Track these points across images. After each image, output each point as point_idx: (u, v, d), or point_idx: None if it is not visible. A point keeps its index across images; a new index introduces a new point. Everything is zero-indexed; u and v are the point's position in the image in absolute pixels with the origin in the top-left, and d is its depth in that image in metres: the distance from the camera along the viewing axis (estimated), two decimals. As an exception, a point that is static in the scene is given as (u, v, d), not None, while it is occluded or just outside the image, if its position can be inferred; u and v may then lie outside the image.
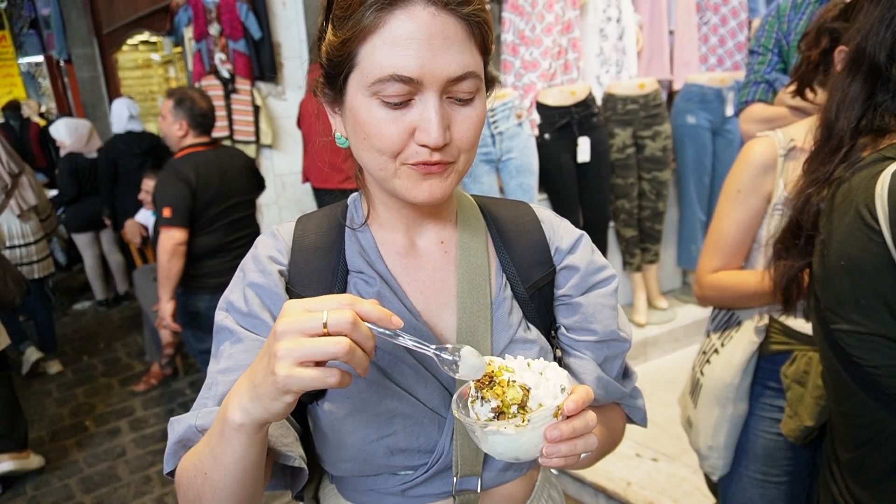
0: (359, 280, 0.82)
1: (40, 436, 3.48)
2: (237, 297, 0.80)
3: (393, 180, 0.73)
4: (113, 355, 4.55)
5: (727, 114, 3.60)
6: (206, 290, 2.89)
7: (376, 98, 0.69)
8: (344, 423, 0.77)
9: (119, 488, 2.96)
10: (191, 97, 2.79)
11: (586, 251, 0.89)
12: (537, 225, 0.90)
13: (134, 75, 6.79)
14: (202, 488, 0.68)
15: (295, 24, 3.79)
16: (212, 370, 0.78)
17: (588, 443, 0.66)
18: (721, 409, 1.51)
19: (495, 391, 0.66)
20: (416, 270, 0.84)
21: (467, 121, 0.72)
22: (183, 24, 4.24)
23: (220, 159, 2.85)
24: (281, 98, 4.03)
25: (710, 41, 3.83)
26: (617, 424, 0.96)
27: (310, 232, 0.85)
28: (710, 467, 1.58)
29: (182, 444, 0.74)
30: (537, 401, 0.65)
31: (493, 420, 0.65)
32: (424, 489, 0.81)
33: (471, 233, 0.86)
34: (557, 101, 3.27)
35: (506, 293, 0.85)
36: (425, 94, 0.68)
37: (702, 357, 1.60)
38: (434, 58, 0.67)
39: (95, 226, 5.15)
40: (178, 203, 2.66)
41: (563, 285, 0.88)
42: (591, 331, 0.86)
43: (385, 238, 0.84)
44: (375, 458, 0.77)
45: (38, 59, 9.23)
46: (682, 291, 4.06)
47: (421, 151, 0.70)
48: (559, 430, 0.64)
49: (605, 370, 0.88)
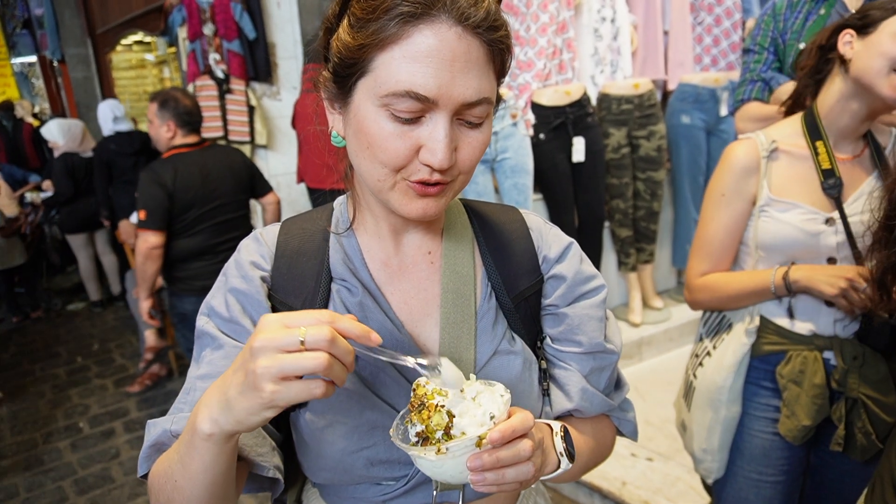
0: (342, 288, 0.81)
1: (34, 437, 3.46)
2: (219, 302, 0.79)
3: (389, 193, 0.72)
4: (107, 356, 4.53)
5: (721, 114, 3.61)
6: (192, 292, 2.85)
7: (386, 110, 0.67)
8: (324, 433, 0.77)
9: (113, 490, 2.94)
10: (174, 97, 2.75)
11: (574, 261, 0.87)
12: (526, 233, 0.88)
13: (128, 75, 6.76)
14: (171, 495, 0.68)
15: (290, 24, 3.78)
16: (191, 375, 0.77)
17: (521, 471, 0.64)
18: (714, 411, 1.51)
19: (422, 416, 0.65)
20: (401, 280, 0.83)
21: (473, 143, 0.71)
22: (177, 24, 4.22)
23: (205, 160, 2.78)
24: (275, 98, 4.02)
25: (704, 41, 3.84)
26: (605, 437, 0.94)
27: (294, 237, 0.83)
28: (704, 470, 1.58)
29: (156, 448, 0.74)
30: (461, 428, 0.64)
31: (416, 444, 0.65)
32: (405, 500, 0.80)
33: (456, 240, 0.85)
34: (552, 101, 3.27)
35: (490, 303, 0.83)
36: (437, 114, 0.67)
37: (694, 360, 1.60)
38: (453, 80, 0.65)
39: (90, 226, 5.13)
40: (153, 206, 2.63)
41: (549, 295, 0.86)
42: (576, 342, 0.85)
43: (370, 245, 0.83)
44: (355, 468, 0.77)
45: (31, 60, 9.16)
46: (678, 291, 4.07)
47: (423, 170, 0.69)
48: (480, 461, 0.62)
49: (592, 382, 0.87)
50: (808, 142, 1.38)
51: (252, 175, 3.00)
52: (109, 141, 4.56)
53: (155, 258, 2.69)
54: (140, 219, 2.65)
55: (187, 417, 0.71)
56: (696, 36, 3.83)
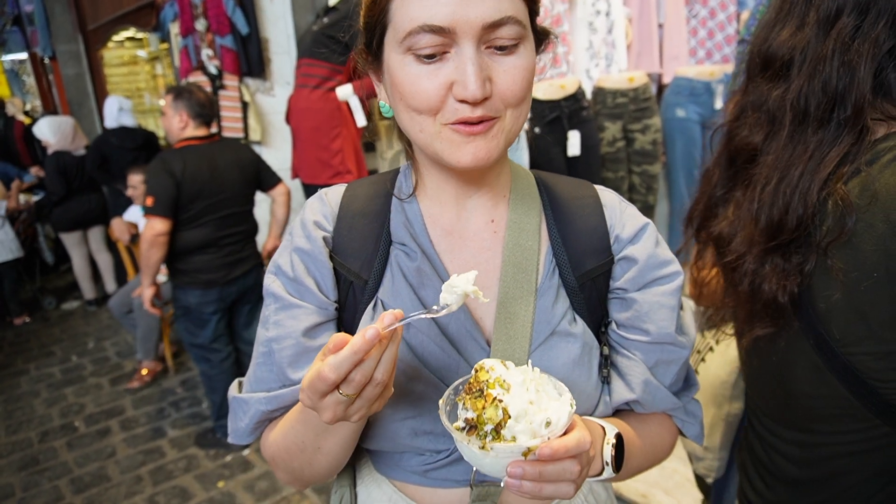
0: (401, 252, 0.80)
1: (29, 437, 3.45)
2: (285, 261, 0.80)
3: (434, 143, 0.70)
4: (102, 355, 4.51)
5: (716, 107, 3.61)
6: (196, 285, 2.90)
7: (410, 53, 0.66)
8: None
9: (109, 489, 2.94)
10: (188, 90, 2.86)
11: (649, 243, 0.82)
12: (599, 209, 0.83)
13: (120, 72, 6.71)
14: (313, 458, 0.75)
15: (282, 19, 3.75)
16: (262, 337, 0.80)
17: (560, 490, 0.61)
18: (717, 407, 1.50)
19: (476, 403, 0.62)
20: (462, 249, 0.81)
21: (512, 71, 0.67)
22: (169, 19, 4.20)
23: (214, 153, 2.86)
24: (269, 94, 4.00)
25: (699, 34, 3.83)
26: (663, 440, 0.87)
27: (357, 198, 0.83)
28: (705, 469, 1.56)
29: (260, 424, 0.81)
30: (513, 432, 0.60)
31: (462, 429, 0.63)
32: (446, 473, 0.80)
33: (524, 211, 0.81)
34: (547, 95, 3.26)
35: (553, 280, 0.80)
36: (460, 44, 0.65)
37: (696, 356, 1.59)
38: (466, 4, 0.63)
39: (83, 225, 5.10)
40: (160, 193, 2.70)
41: (619, 277, 0.81)
42: (643, 330, 0.80)
43: (432, 211, 0.81)
44: (400, 437, 0.77)
45: (21, 57, 9.10)
46: (673, 284, 4.08)
47: (461, 108, 0.66)
48: (521, 470, 0.59)
49: (657, 375, 0.81)
50: None
51: (259, 170, 3.05)
52: (111, 134, 4.55)
53: (160, 245, 2.74)
54: (147, 205, 2.71)
55: (279, 397, 0.77)
56: (690, 29, 3.83)
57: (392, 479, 0.84)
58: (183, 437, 3.34)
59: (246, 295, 3.09)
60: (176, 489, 2.90)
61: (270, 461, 0.80)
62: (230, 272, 2.95)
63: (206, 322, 2.96)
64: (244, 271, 3.02)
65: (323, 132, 3.08)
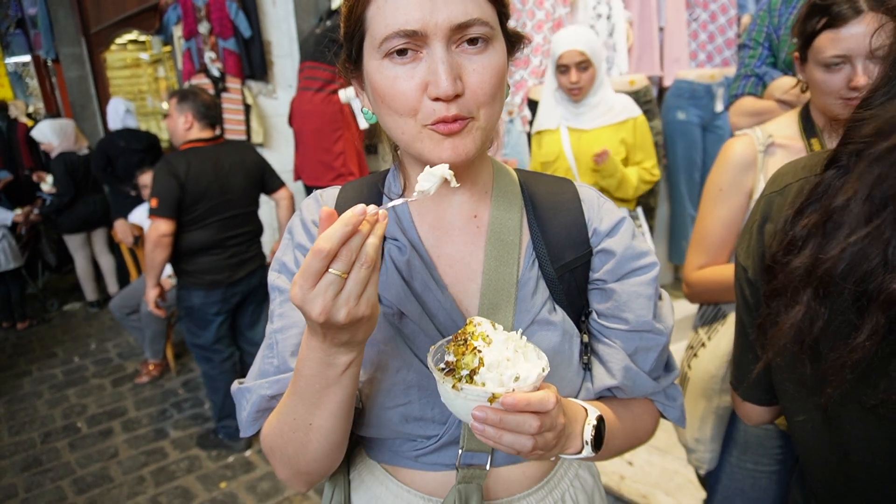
0: (392, 247, 0.84)
1: (31, 437, 3.46)
2: (289, 258, 0.85)
3: (415, 143, 0.74)
4: (104, 356, 4.53)
5: (717, 110, 3.62)
6: (200, 286, 2.91)
7: (386, 59, 0.71)
8: (363, 388, 0.81)
9: (112, 489, 2.95)
10: (193, 92, 2.89)
11: (625, 236, 0.86)
12: (577, 204, 0.88)
13: (123, 75, 6.72)
14: (307, 438, 0.75)
15: (285, 21, 3.77)
16: (269, 330, 0.83)
17: (518, 441, 0.66)
18: (707, 400, 1.52)
19: (458, 349, 0.68)
20: (447, 244, 0.85)
21: (481, 70, 0.72)
22: (172, 22, 4.22)
23: (219, 155, 2.87)
24: (272, 97, 4.02)
25: (699, 37, 3.85)
26: (644, 423, 0.92)
27: (350, 198, 0.88)
28: (697, 461, 1.59)
29: (261, 412, 0.82)
30: (484, 379, 0.66)
31: (442, 370, 0.68)
32: (436, 458, 0.84)
33: (505, 208, 0.86)
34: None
35: (532, 272, 0.84)
36: (432, 45, 0.69)
37: (689, 352, 1.61)
38: (434, 7, 0.68)
39: (88, 226, 5.11)
40: (165, 194, 2.72)
41: (598, 269, 0.86)
42: (622, 319, 0.84)
43: (419, 209, 0.86)
44: (391, 423, 0.81)
45: (25, 59, 9.13)
46: (674, 286, 4.08)
47: (437, 108, 0.70)
48: (484, 415, 0.65)
49: (637, 361, 0.86)
50: (803, 138, 1.39)
51: (263, 172, 3.07)
52: (118, 136, 4.55)
53: (164, 246, 2.76)
54: (152, 206, 2.74)
55: (280, 381, 0.79)
56: (691, 32, 3.84)
57: (384, 463, 0.89)
58: (185, 437, 3.35)
59: (251, 295, 3.10)
60: (178, 490, 2.91)
61: (269, 454, 0.81)
62: (235, 273, 2.97)
63: (209, 323, 2.98)
64: (249, 272, 3.03)
65: (325, 134, 3.09)
